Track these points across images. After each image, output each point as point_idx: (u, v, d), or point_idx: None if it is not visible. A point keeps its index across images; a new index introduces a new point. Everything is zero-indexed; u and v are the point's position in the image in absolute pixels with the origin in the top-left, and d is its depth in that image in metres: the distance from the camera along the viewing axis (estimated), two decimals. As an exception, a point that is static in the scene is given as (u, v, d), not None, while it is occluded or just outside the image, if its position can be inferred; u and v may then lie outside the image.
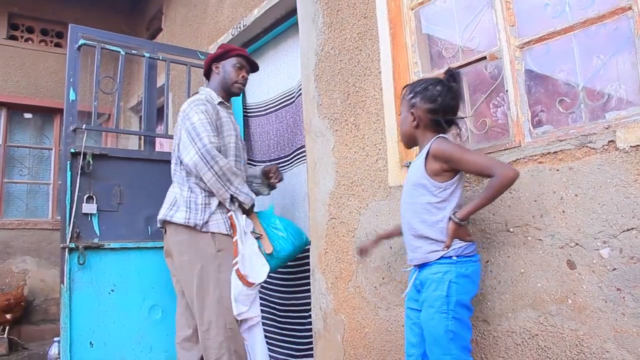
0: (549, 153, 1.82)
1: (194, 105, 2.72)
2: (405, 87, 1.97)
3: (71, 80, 3.17)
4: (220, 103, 2.88)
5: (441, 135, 1.84)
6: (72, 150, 3.12)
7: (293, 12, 3.28)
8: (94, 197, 3.19)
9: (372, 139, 2.51)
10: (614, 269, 1.62)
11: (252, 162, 4.01)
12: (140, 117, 5.41)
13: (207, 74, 3.04)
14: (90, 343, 3.11)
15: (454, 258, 1.75)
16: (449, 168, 1.76)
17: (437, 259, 1.76)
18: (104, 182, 3.25)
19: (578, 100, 1.90)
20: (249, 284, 2.59)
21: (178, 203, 2.68)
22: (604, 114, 1.81)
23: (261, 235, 2.77)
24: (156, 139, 3.59)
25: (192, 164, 2.59)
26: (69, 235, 3.07)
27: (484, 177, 1.88)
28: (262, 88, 3.89)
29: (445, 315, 1.70)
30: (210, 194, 2.65)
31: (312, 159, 2.88)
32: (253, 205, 2.78)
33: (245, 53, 3.01)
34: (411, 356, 1.85)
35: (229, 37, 3.74)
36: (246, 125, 4.03)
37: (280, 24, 3.44)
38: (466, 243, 1.76)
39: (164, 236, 2.82)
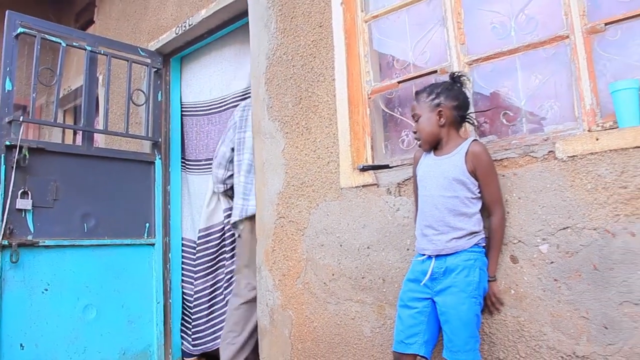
0: (495, 160, 2.02)
1: None
2: (418, 91, 2.05)
3: (7, 69, 3.03)
4: None
5: (475, 139, 2.00)
6: (7, 143, 2.99)
7: (241, 15, 3.33)
8: (28, 192, 3.08)
9: (324, 143, 2.63)
10: (552, 262, 1.85)
11: (185, 161, 4.00)
12: (65, 112, 5.21)
13: None
14: (21, 345, 2.99)
15: (482, 247, 1.94)
16: (472, 173, 1.91)
17: (470, 247, 1.90)
18: (40, 177, 3.15)
19: (520, 114, 2.14)
20: None
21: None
22: (542, 127, 2.05)
23: None
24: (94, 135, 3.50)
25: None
26: (1, 232, 2.94)
27: (487, 206, 1.95)
28: (202, 88, 3.89)
29: (475, 300, 1.86)
30: None
31: (261, 160, 2.95)
32: None
33: None
34: (413, 345, 1.92)
35: (172, 36, 3.71)
36: (182, 124, 4.01)
37: (226, 26, 3.47)
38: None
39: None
